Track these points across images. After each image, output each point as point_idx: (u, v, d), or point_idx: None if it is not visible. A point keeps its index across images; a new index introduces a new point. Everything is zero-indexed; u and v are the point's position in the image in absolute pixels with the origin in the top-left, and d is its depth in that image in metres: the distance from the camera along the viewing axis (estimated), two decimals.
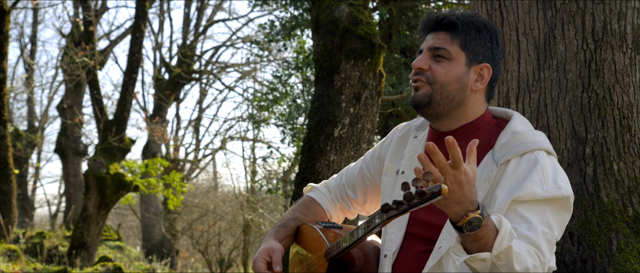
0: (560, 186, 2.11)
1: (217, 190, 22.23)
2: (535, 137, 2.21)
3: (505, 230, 1.93)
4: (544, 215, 2.08)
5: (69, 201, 17.47)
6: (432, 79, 2.22)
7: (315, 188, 2.63)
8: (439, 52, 2.23)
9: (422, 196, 1.76)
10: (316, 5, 5.91)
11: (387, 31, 11.20)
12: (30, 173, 21.86)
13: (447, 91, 2.22)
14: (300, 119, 12.47)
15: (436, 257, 2.15)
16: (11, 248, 9.96)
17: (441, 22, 2.26)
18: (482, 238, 1.91)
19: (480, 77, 2.25)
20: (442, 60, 2.23)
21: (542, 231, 2.05)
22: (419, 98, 2.23)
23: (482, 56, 2.25)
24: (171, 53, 21.52)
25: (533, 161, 2.14)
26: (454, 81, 2.22)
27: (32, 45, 22.48)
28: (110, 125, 12.72)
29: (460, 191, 1.86)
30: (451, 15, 2.25)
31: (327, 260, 2.26)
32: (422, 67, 2.24)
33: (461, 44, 2.23)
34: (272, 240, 2.44)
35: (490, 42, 2.26)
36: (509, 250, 1.93)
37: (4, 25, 10.19)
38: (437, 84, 2.22)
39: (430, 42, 2.26)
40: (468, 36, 2.23)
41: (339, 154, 5.54)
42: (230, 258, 18.18)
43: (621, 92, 2.87)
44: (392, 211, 1.84)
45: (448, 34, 2.24)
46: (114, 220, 23.04)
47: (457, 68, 2.23)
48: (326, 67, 5.67)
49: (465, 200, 1.87)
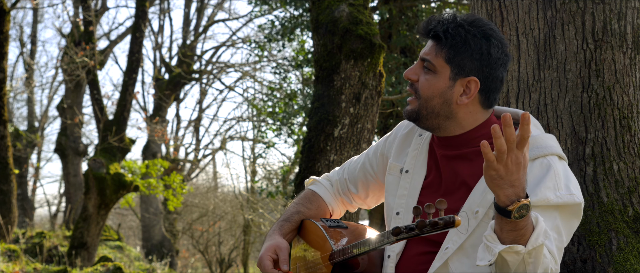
0: (573, 192, 2.10)
1: (217, 190, 22.23)
2: (547, 141, 2.19)
3: (542, 227, 1.91)
4: (554, 220, 2.06)
5: (69, 201, 17.47)
6: (420, 93, 2.20)
7: (317, 181, 2.62)
8: (426, 64, 2.20)
9: (435, 226, 1.77)
10: (316, 5, 5.91)
11: (387, 31, 11.20)
12: (30, 173, 21.85)
13: (431, 105, 2.20)
14: (300, 119, 12.48)
15: (443, 257, 2.14)
16: (11, 248, 9.96)
17: (429, 30, 2.21)
18: (521, 229, 1.88)
19: (467, 90, 2.19)
20: (428, 72, 2.20)
21: (553, 238, 2.03)
22: (407, 113, 2.24)
23: (468, 70, 2.17)
24: (171, 53, 21.54)
25: (546, 166, 2.12)
26: (436, 95, 2.19)
27: (32, 45, 22.49)
28: (110, 125, 12.72)
29: (517, 173, 1.83)
30: (438, 26, 2.18)
31: (332, 263, 2.24)
32: (411, 78, 2.22)
33: (446, 58, 2.17)
34: (277, 235, 2.42)
35: (479, 54, 2.16)
36: (540, 248, 1.91)
37: (4, 25, 10.19)
38: (422, 99, 2.20)
39: (423, 50, 2.23)
40: (453, 48, 2.17)
41: (339, 154, 5.53)
42: (230, 258, 18.18)
43: (621, 92, 2.87)
44: (403, 234, 1.85)
45: (435, 45, 2.20)
46: (114, 220, 23.04)
47: (440, 82, 2.18)
48: (326, 67, 5.67)
49: (519, 185, 1.84)
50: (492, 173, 1.84)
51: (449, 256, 2.13)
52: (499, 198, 1.87)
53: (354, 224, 2.45)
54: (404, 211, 2.31)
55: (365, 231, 2.41)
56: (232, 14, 28.32)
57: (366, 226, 2.47)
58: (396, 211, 2.33)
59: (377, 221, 10.56)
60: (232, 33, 21.69)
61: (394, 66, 10.92)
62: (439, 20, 2.21)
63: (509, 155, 1.81)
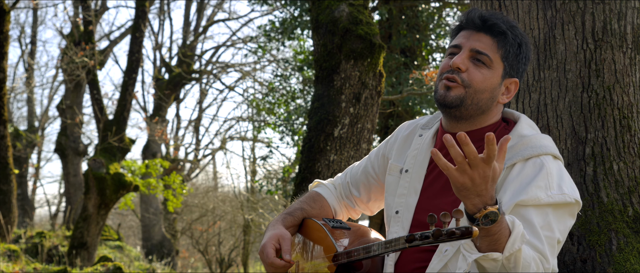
0: (565, 192, 2.10)
1: (217, 190, 22.23)
2: (541, 141, 2.19)
3: (518, 232, 1.91)
4: (546, 216, 2.06)
5: (69, 201, 17.47)
6: (468, 82, 2.18)
7: (322, 184, 2.63)
8: (481, 58, 2.19)
9: (452, 236, 1.76)
10: (316, 5, 5.91)
11: (387, 31, 11.19)
12: (30, 173, 21.86)
13: (479, 98, 2.20)
14: (300, 119, 12.47)
15: (442, 260, 2.14)
16: (11, 248, 9.96)
17: (489, 25, 2.20)
18: (495, 235, 1.89)
19: (507, 91, 2.24)
20: (482, 66, 2.19)
21: (545, 236, 2.03)
22: (451, 99, 2.19)
23: (515, 71, 2.23)
24: (171, 53, 21.53)
25: (538, 165, 2.12)
26: (488, 89, 2.20)
27: (32, 45, 22.49)
28: (110, 125, 12.71)
29: (483, 185, 1.84)
30: (501, 22, 2.19)
31: (336, 265, 2.24)
32: (461, 67, 2.19)
33: (503, 55, 2.19)
34: (280, 225, 2.42)
35: (525, 59, 2.24)
36: (518, 253, 1.91)
37: (4, 25, 10.19)
38: (471, 89, 2.18)
39: (473, 43, 2.20)
40: (512, 48, 2.20)
41: (339, 154, 5.53)
42: (230, 258, 18.18)
43: (621, 92, 2.87)
44: (417, 242, 1.84)
45: (494, 41, 2.19)
46: (114, 220, 23.04)
47: (494, 78, 2.20)
48: (326, 67, 5.67)
49: (486, 194, 1.85)
50: (458, 186, 1.85)
51: (449, 258, 2.13)
52: (467, 207, 1.89)
53: (356, 225, 2.45)
54: (403, 211, 2.31)
55: (367, 233, 2.41)
56: (232, 14, 28.33)
57: (368, 228, 2.47)
58: (395, 210, 2.33)
59: (377, 221, 10.56)
60: (232, 33, 21.71)
61: (394, 66, 10.91)
62: (497, 16, 2.20)
63: (475, 170, 1.82)
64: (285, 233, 2.38)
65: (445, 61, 2.24)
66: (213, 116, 27.89)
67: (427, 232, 1.81)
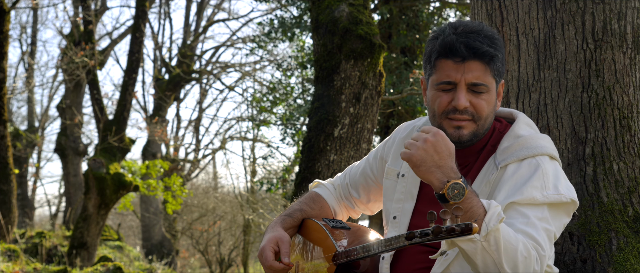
0: (561, 192, 2.09)
1: (216, 190, 22.23)
2: (538, 141, 2.19)
3: (494, 212, 1.91)
4: (542, 212, 2.06)
5: (69, 201, 17.47)
6: (478, 115, 2.17)
7: (321, 184, 2.63)
8: (479, 88, 2.15)
9: (451, 232, 1.77)
10: (316, 5, 5.91)
11: (387, 31, 11.19)
12: (30, 173, 21.86)
13: (487, 121, 2.20)
14: (301, 119, 12.47)
15: (443, 264, 2.14)
16: (11, 248, 9.96)
17: (480, 53, 2.13)
18: (467, 212, 1.90)
19: (500, 95, 2.25)
20: (481, 94, 2.16)
21: (541, 226, 2.03)
22: (466, 137, 2.17)
23: (500, 75, 2.22)
24: (171, 53, 21.53)
25: (534, 166, 2.12)
26: (491, 110, 2.21)
27: (32, 45, 22.49)
28: (110, 125, 12.71)
29: (437, 155, 1.95)
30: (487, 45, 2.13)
31: (336, 264, 2.24)
32: (467, 107, 2.15)
33: (493, 73, 2.17)
34: (279, 228, 2.42)
35: (503, 59, 2.21)
36: (497, 233, 1.90)
37: (4, 25, 10.19)
38: (482, 120, 2.18)
39: (467, 76, 2.13)
40: (499, 61, 2.18)
41: (339, 154, 5.53)
42: (230, 258, 18.18)
43: (621, 92, 2.87)
44: (417, 239, 1.84)
45: (483, 65, 2.14)
46: (114, 220, 23.03)
47: (492, 97, 2.20)
48: (326, 67, 5.67)
49: (446, 165, 1.94)
50: (416, 162, 1.96)
51: (450, 262, 2.13)
52: (433, 185, 1.95)
53: (355, 225, 2.45)
54: (401, 216, 2.31)
55: (367, 233, 2.41)
56: (232, 14, 28.33)
57: (367, 228, 2.47)
58: (393, 215, 2.33)
59: (377, 221, 10.56)
60: (232, 33, 21.71)
61: (394, 66, 10.91)
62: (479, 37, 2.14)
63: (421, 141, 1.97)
64: (284, 235, 2.38)
65: (441, 98, 2.17)
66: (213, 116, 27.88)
67: (427, 229, 1.82)
